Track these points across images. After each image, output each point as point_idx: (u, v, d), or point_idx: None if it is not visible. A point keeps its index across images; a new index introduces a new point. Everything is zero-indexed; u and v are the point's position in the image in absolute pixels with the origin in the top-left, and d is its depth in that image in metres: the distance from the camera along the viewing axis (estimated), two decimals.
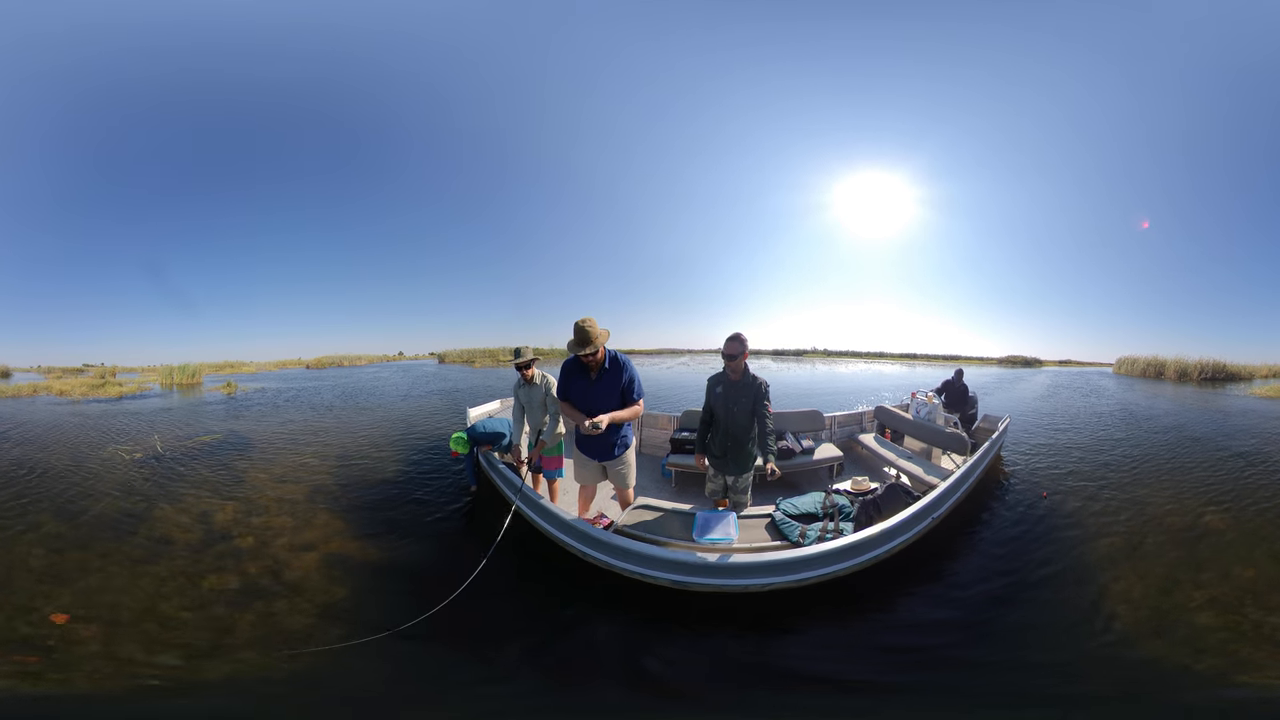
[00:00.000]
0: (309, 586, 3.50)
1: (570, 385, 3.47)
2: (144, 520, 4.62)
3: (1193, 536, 4.36)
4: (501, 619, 3.16)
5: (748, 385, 3.60)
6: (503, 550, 3.61)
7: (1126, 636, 2.96)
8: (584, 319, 3.24)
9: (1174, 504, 5.16)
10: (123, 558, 3.91)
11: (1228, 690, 2.55)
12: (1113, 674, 2.67)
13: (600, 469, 3.69)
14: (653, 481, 5.34)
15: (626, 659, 2.80)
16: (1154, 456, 7.19)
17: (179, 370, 18.65)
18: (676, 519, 3.63)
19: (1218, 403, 13.75)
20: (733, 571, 3.12)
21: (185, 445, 7.70)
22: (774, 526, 3.59)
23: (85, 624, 3.01)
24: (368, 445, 7.80)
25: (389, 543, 4.26)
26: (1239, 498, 5.32)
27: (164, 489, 5.58)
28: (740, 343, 3.53)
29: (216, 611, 3.19)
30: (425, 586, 3.35)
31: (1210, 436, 8.66)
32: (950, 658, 2.78)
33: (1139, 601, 3.33)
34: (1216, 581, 3.57)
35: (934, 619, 3.13)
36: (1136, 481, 5.95)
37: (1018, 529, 4.49)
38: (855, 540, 3.29)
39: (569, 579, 3.56)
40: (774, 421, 3.90)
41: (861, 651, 2.84)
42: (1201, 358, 22.15)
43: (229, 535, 4.33)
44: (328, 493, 5.47)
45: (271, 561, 3.86)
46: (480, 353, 33.73)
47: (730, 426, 3.66)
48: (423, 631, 2.93)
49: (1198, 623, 3.09)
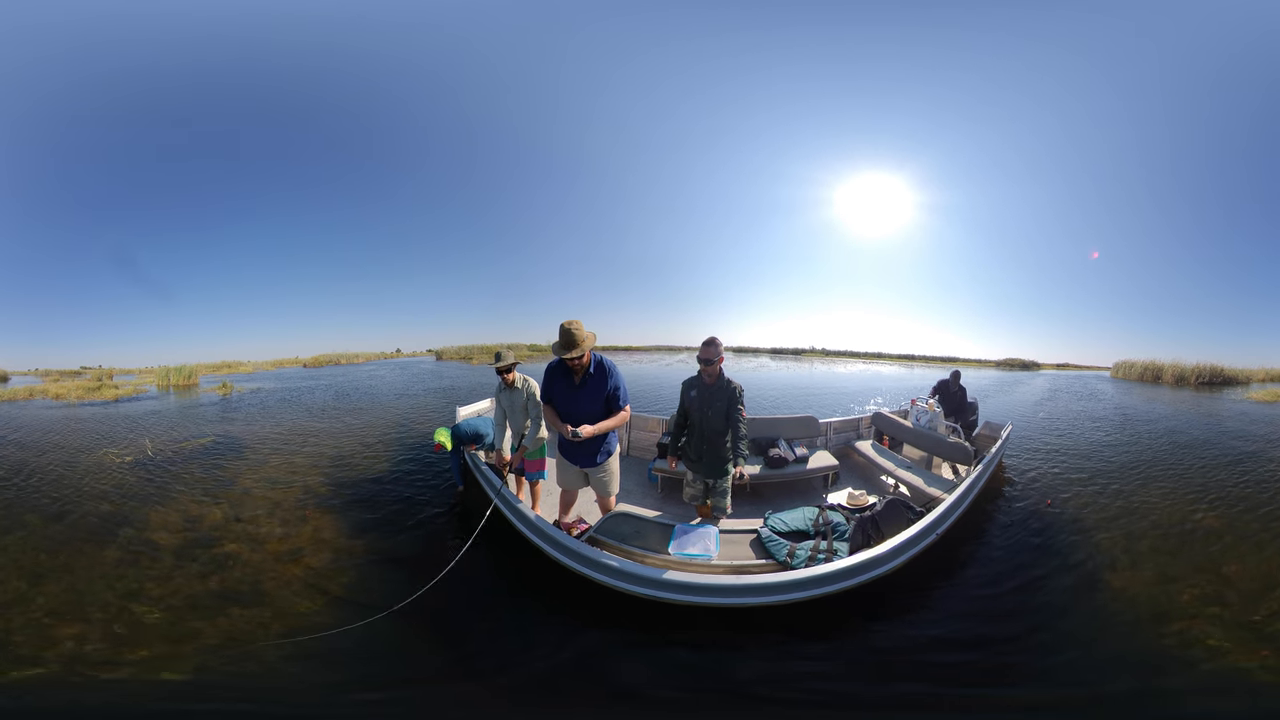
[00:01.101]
0: (288, 590, 3.52)
1: (554, 388, 3.39)
2: (130, 523, 4.63)
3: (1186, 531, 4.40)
4: (467, 619, 3.19)
5: (722, 389, 3.59)
6: (484, 550, 3.74)
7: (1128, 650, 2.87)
8: (570, 321, 3.14)
9: (1168, 502, 5.17)
10: (103, 559, 3.90)
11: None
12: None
13: (582, 475, 3.63)
14: (639, 485, 5.22)
15: (580, 665, 2.77)
16: (1156, 460, 7.10)
17: (175, 371, 18.43)
18: (656, 530, 3.52)
19: (1213, 407, 13.67)
20: (709, 591, 2.96)
21: (177, 448, 7.59)
22: (759, 544, 3.45)
23: (67, 623, 3.04)
24: (358, 445, 7.70)
25: (374, 543, 4.25)
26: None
27: (153, 492, 5.54)
28: (715, 347, 3.53)
29: (191, 614, 3.17)
30: (407, 585, 3.35)
31: (1210, 439, 8.59)
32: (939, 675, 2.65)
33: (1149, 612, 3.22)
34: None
35: (929, 636, 2.99)
36: (1141, 486, 5.88)
37: (1021, 540, 4.37)
38: (851, 564, 3.08)
39: (543, 583, 3.54)
40: (767, 428, 3.81)
41: (843, 670, 2.71)
42: (1199, 362, 22.08)
43: (213, 539, 4.29)
44: (315, 494, 5.41)
45: (251, 566, 3.83)
46: (478, 349, 33.58)
47: (705, 430, 3.66)
48: (387, 628, 2.98)
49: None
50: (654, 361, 28.80)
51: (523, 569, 3.74)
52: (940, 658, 2.80)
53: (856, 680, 2.63)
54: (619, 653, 2.84)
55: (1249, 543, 4.30)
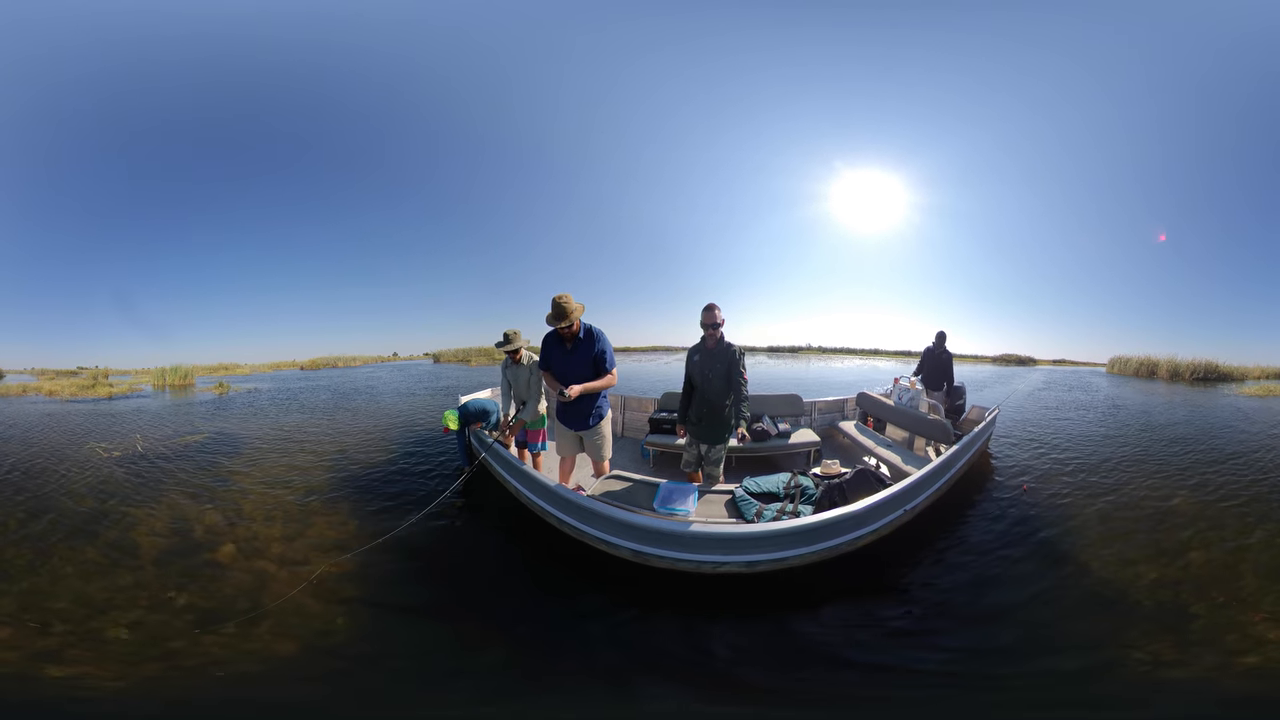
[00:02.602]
0: (285, 577, 3.41)
1: (550, 355, 3.77)
2: (110, 520, 4.44)
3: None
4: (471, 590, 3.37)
5: (723, 352, 3.73)
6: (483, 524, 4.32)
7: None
8: (560, 295, 3.51)
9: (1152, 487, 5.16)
10: (77, 560, 3.67)
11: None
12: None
13: (577, 439, 3.95)
14: (632, 461, 5.43)
15: (564, 629, 2.87)
16: (1128, 442, 7.19)
17: (171, 372, 18.45)
18: (643, 489, 3.75)
19: (1199, 399, 13.76)
20: (683, 543, 3.08)
21: (170, 444, 7.46)
22: (733, 504, 3.56)
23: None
24: (358, 433, 7.80)
25: (376, 523, 4.28)
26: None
27: (140, 488, 5.38)
28: (715, 312, 3.72)
29: (165, 620, 2.96)
30: (417, 569, 3.56)
31: (1194, 427, 8.69)
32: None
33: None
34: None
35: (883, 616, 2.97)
36: (1117, 469, 5.94)
37: (996, 525, 4.27)
38: (808, 523, 3.12)
39: (541, 545, 3.83)
40: (752, 404, 3.93)
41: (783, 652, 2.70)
42: (1194, 358, 22.17)
43: (202, 541, 4.04)
44: (314, 484, 5.40)
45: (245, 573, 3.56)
46: (476, 351, 33.61)
47: (707, 392, 3.79)
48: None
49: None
50: (652, 360, 28.91)
51: (524, 533, 4.02)
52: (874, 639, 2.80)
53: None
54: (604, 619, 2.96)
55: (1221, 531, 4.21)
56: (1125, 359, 25.20)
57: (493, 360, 31.39)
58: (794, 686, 2.47)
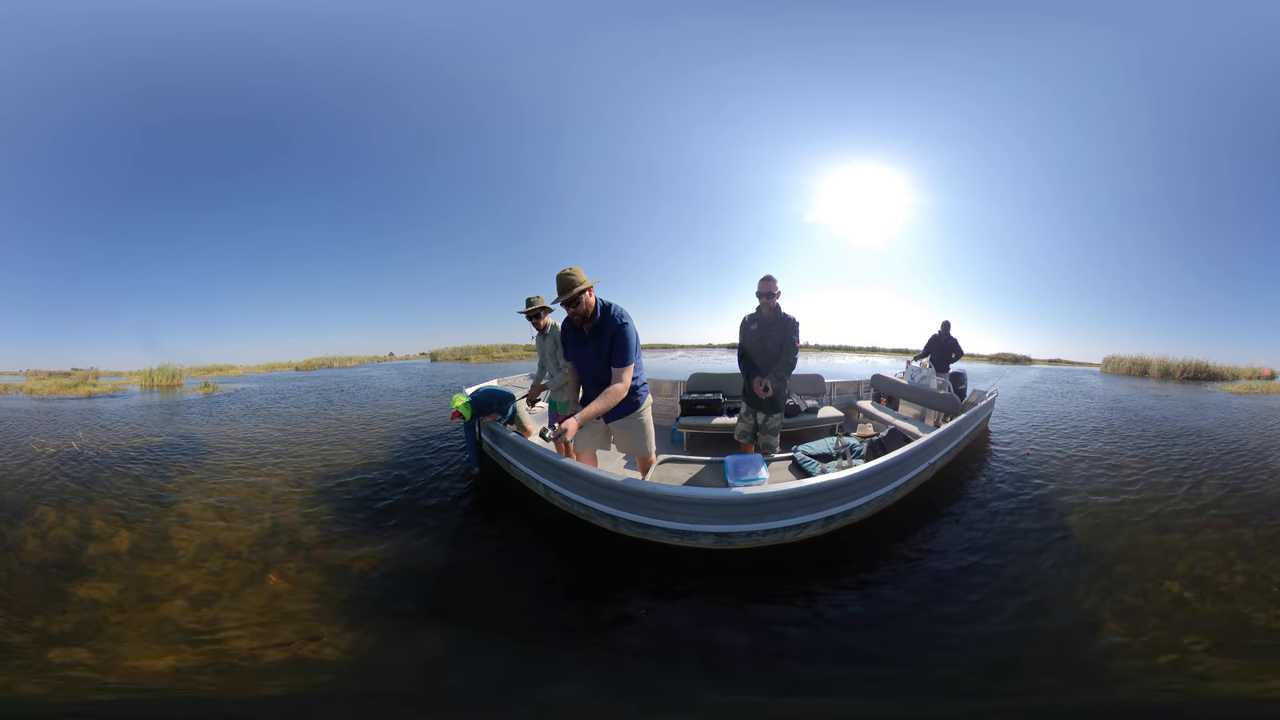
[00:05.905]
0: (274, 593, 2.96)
1: (569, 345, 3.09)
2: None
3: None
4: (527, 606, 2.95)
5: (780, 320, 3.78)
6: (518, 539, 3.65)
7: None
8: (566, 268, 2.82)
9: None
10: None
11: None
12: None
13: (604, 431, 3.21)
14: (665, 448, 5.08)
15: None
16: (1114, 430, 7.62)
17: (159, 372, 18.11)
18: (707, 470, 3.61)
19: (1184, 395, 14.20)
20: (776, 508, 2.97)
21: (119, 446, 6.56)
22: (797, 467, 3.81)
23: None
24: (355, 429, 7.55)
25: (380, 537, 3.66)
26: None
27: (63, 489, 4.75)
28: (772, 282, 3.79)
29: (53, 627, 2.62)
30: (422, 581, 3.11)
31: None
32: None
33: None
34: None
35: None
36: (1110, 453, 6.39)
37: (998, 496, 4.42)
38: (870, 468, 3.32)
39: (580, 551, 3.30)
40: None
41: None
42: (1185, 357, 22.82)
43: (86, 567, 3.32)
44: (301, 483, 4.82)
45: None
46: (475, 349, 33.73)
47: (765, 362, 3.79)
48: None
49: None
50: (657, 358, 29.27)
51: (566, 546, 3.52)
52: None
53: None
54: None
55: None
56: (1118, 358, 25.84)
57: (491, 359, 31.49)
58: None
